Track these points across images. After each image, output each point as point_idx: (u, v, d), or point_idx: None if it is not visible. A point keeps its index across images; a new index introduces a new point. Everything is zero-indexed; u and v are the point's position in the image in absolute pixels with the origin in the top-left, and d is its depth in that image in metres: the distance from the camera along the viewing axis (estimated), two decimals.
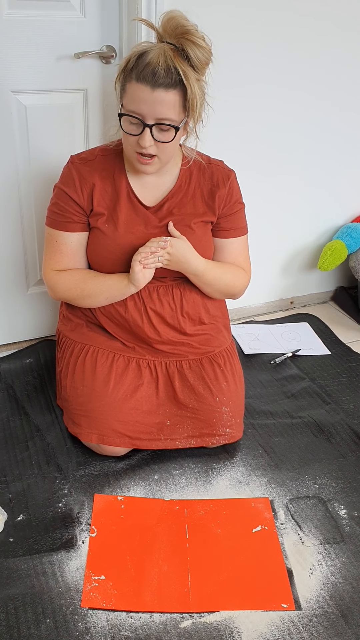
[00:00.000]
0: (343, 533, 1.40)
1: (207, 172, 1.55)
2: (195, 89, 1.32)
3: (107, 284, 1.53)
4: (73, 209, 1.51)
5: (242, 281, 1.66)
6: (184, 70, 1.30)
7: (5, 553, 1.30)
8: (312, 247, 2.34)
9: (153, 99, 1.30)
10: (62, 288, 1.57)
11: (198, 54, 1.31)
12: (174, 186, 1.53)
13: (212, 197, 1.54)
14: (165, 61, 1.28)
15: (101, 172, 1.50)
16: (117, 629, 1.17)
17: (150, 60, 1.28)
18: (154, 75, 1.28)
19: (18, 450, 1.58)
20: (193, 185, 1.54)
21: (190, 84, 1.31)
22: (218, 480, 1.53)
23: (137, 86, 1.31)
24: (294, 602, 1.24)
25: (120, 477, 1.52)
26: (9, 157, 1.74)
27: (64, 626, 1.17)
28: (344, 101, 2.06)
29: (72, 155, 1.53)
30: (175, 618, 1.20)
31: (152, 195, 1.53)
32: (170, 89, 1.31)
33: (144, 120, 1.34)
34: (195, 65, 1.32)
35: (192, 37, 1.30)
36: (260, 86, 1.88)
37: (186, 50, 1.30)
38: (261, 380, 1.94)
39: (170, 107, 1.33)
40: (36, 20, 1.60)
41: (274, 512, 1.45)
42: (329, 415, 1.78)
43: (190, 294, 1.60)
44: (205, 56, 1.33)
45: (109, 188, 1.50)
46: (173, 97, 1.32)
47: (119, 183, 1.51)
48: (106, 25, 1.69)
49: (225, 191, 1.55)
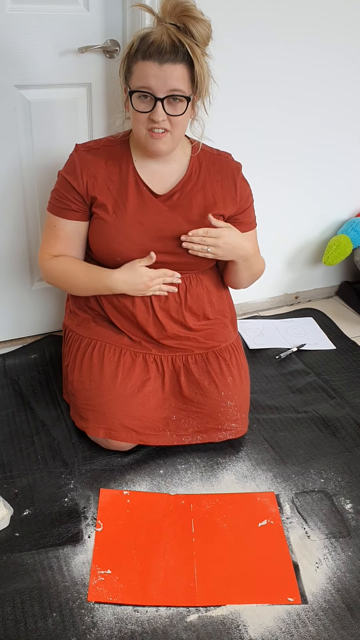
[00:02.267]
0: (349, 527, 1.40)
1: (217, 164, 1.56)
2: (202, 62, 1.35)
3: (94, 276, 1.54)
4: (73, 197, 1.50)
5: (263, 264, 1.70)
6: (189, 43, 1.31)
7: (12, 548, 1.31)
8: (316, 242, 2.34)
9: (162, 73, 1.32)
10: (53, 275, 1.59)
11: (200, 29, 1.32)
12: (184, 176, 1.53)
13: (225, 190, 1.55)
14: (169, 37, 1.30)
15: (107, 161, 1.50)
16: (123, 622, 1.17)
17: (154, 39, 1.30)
18: (160, 52, 1.30)
19: (24, 445, 1.58)
20: (203, 175, 1.54)
21: (197, 57, 1.33)
22: (224, 475, 1.53)
23: (144, 64, 1.32)
24: (300, 596, 1.24)
25: (126, 472, 1.52)
26: (13, 152, 1.74)
27: (71, 620, 1.17)
28: (348, 95, 2.05)
29: (77, 144, 1.54)
30: (182, 612, 1.20)
31: (161, 184, 1.52)
32: (177, 63, 1.32)
33: (155, 94, 1.34)
34: (198, 40, 1.34)
35: (192, 13, 1.31)
36: (263, 79, 1.87)
37: (188, 27, 1.32)
38: (266, 375, 1.94)
39: (179, 79, 1.34)
40: (39, 15, 1.59)
41: (279, 506, 1.45)
42: (335, 410, 1.77)
43: (196, 289, 1.60)
44: (206, 30, 1.34)
45: (115, 177, 1.50)
46: (181, 69, 1.34)
47: (125, 171, 1.50)
48: (110, 19, 1.68)
49: (239, 185, 1.56)
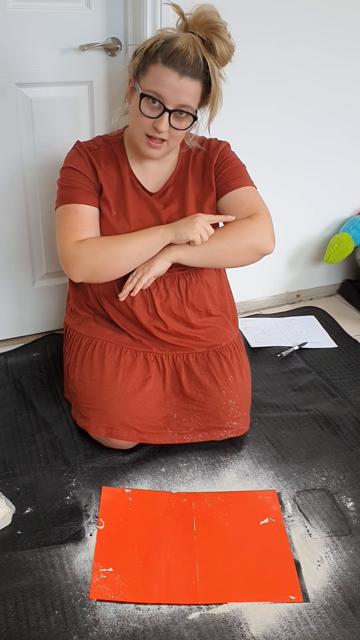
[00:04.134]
0: (350, 525, 1.40)
1: (201, 151, 1.56)
2: (219, 83, 1.35)
3: (138, 236, 1.45)
4: (86, 181, 1.48)
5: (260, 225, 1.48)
6: (212, 63, 1.32)
7: (14, 546, 1.31)
8: (318, 240, 2.33)
9: (179, 85, 1.31)
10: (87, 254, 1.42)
11: (223, 49, 1.32)
12: (175, 170, 1.54)
13: (206, 168, 1.55)
14: (195, 51, 1.29)
15: (105, 159, 1.51)
16: (125, 620, 1.18)
17: (180, 47, 1.29)
18: (183, 63, 1.29)
19: (25, 443, 1.59)
20: (191, 165, 1.55)
21: (216, 77, 1.33)
22: (225, 473, 1.53)
23: (163, 70, 1.31)
24: (302, 594, 1.24)
25: (128, 470, 1.52)
26: (15, 150, 1.74)
27: (73, 618, 1.17)
28: (348, 93, 2.04)
29: (77, 141, 1.54)
30: (183, 610, 1.21)
31: (154, 181, 1.54)
32: (195, 79, 1.32)
33: (165, 104, 1.34)
34: (219, 59, 1.34)
35: (221, 33, 1.31)
36: (264, 76, 1.87)
37: (213, 44, 1.31)
38: (268, 374, 1.94)
39: (192, 96, 1.34)
40: (41, 13, 1.59)
41: (281, 504, 1.45)
42: (336, 408, 1.77)
43: (196, 285, 1.60)
44: (228, 53, 1.35)
45: (115, 175, 1.51)
46: (196, 87, 1.34)
47: (123, 170, 1.51)
48: (111, 17, 1.68)
49: (217, 156, 1.54)
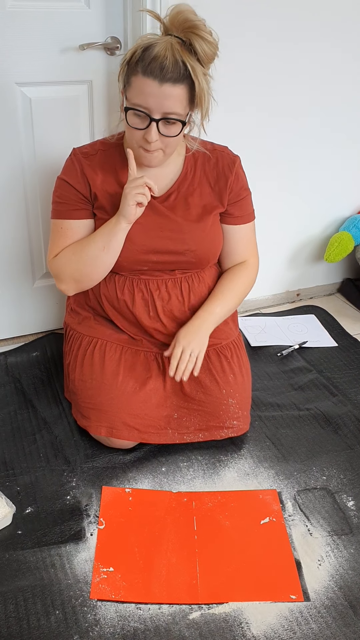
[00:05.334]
0: (351, 524, 1.40)
1: (212, 159, 1.53)
2: (203, 84, 1.31)
3: (98, 232, 1.49)
4: (76, 196, 1.50)
5: (249, 279, 1.66)
6: (192, 64, 1.28)
7: (14, 545, 1.31)
8: (318, 239, 2.33)
9: (161, 93, 1.29)
10: (63, 264, 1.51)
11: (205, 48, 1.29)
12: (180, 176, 1.52)
13: (219, 184, 1.53)
14: (173, 55, 1.26)
15: (103, 167, 1.49)
16: (126, 620, 1.18)
17: (157, 54, 1.26)
18: (162, 70, 1.26)
19: (26, 443, 1.59)
20: (199, 173, 1.53)
21: (199, 78, 1.30)
22: (225, 473, 1.53)
23: (143, 80, 1.28)
24: (303, 594, 1.24)
25: (128, 470, 1.52)
26: (14, 149, 1.74)
27: (73, 618, 1.17)
28: (349, 92, 2.04)
29: (74, 148, 1.52)
30: (184, 609, 1.20)
31: (157, 186, 1.50)
32: (177, 84, 1.29)
33: (151, 115, 1.32)
34: (202, 59, 1.30)
35: (200, 31, 1.28)
36: (263, 74, 1.87)
37: (193, 44, 1.28)
38: (268, 373, 1.94)
39: (177, 102, 1.31)
40: (40, 12, 1.59)
41: (281, 503, 1.45)
42: (336, 407, 1.77)
43: (199, 287, 1.59)
44: (212, 50, 1.31)
45: (113, 184, 1.49)
46: (180, 91, 1.30)
47: (122, 177, 1.49)
48: (111, 16, 1.68)
49: (232, 178, 1.53)
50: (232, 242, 1.63)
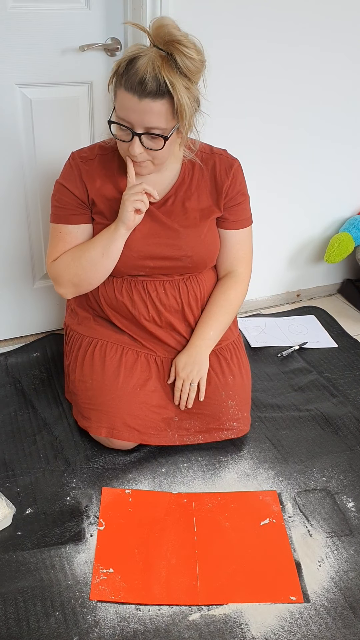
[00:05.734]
0: (351, 526, 1.40)
1: (210, 163, 1.52)
2: (183, 99, 1.28)
3: (97, 237, 1.49)
4: (74, 201, 1.50)
5: (239, 294, 1.64)
6: (171, 80, 1.25)
7: (14, 546, 1.31)
8: (318, 240, 2.33)
9: (141, 108, 1.28)
10: (62, 269, 1.52)
11: (187, 62, 1.26)
12: (177, 180, 1.51)
13: (216, 188, 1.52)
14: (153, 70, 1.24)
15: (101, 172, 1.48)
16: (125, 621, 1.18)
17: (138, 68, 1.25)
18: (141, 85, 1.25)
19: (26, 444, 1.59)
20: (197, 177, 1.52)
21: (178, 93, 1.26)
22: (225, 474, 1.53)
23: (125, 95, 1.28)
24: (303, 595, 1.24)
25: (128, 471, 1.52)
26: (14, 150, 1.74)
27: (73, 619, 1.17)
28: (349, 92, 2.04)
29: (72, 152, 1.52)
30: (184, 611, 1.20)
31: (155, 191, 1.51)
32: (157, 99, 1.27)
33: (133, 129, 1.32)
34: (185, 73, 1.27)
35: (181, 47, 1.25)
36: (263, 77, 1.87)
37: (175, 58, 1.26)
38: (268, 374, 1.94)
39: (158, 117, 1.30)
40: (40, 13, 1.59)
41: (281, 505, 1.45)
42: (337, 408, 1.77)
43: (197, 289, 1.59)
44: (194, 65, 1.28)
45: (111, 188, 1.48)
46: (161, 106, 1.28)
47: (120, 182, 1.48)
48: (111, 17, 1.68)
49: (228, 183, 1.52)
50: (225, 247, 1.62)
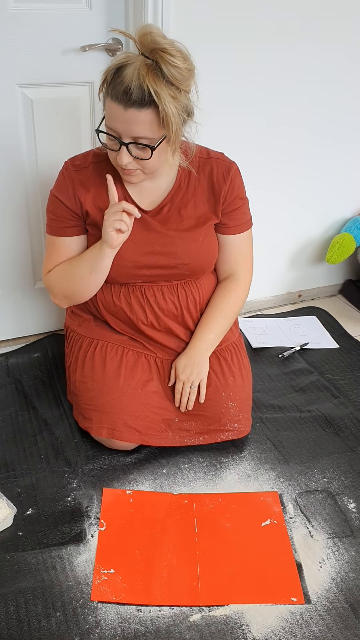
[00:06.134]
0: (352, 527, 1.40)
1: (207, 168, 1.49)
2: (169, 108, 1.24)
3: (85, 254, 1.49)
4: (68, 214, 1.48)
5: (240, 297, 1.63)
6: (156, 90, 1.22)
7: (15, 547, 1.31)
8: (320, 240, 2.33)
9: (126, 118, 1.26)
10: (54, 282, 1.53)
11: (172, 71, 1.23)
12: (173, 187, 1.48)
13: (214, 194, 1.50)
14: (138, 79, 1.22)
15: (95, 180, 1.46)
16: (126, 622, 1.17)
17: (124, 77, 1.23)
18: (126, 94, 1.23)
19: (27, 444, 1.58)
20: (193, 183, 1.49)
21: (163, 102, 1.23)
22: (227, 474, 1.53)
23: (111, 104, 1.26)
24: (304, 596, 1.24)
25: (129, 471, 1.52)
26: (15, 151, 1.74)
27: (74, 619, 1.17)
28: (349, 91, 2.04)
29: (66, 161, 1.49)
30: (185, 611, 1.20)
31: (150, 198, 1.48)
32: (143, 108, 1.24)
33: (120, 139, 1.30)
34: (171, 82, 1.24)
35: (166, 55, 1.22)
36: (263, 77, 1.86)
37: (160, 66, 1.23)
38: (269, 374, 1.94)
39: (144, 126, 1.27)
40: (42, 14, 1.59)
41: (282, 506, 1.44)
42: (338, 409, 1.77)
43: (196, 292, 1.58)
44: (181, 74, 1.25)
45: (105, 199, 1.45)
46: (146, 116, 1.26)
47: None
48: (112, 17, 1.68)
49: (226, 189, 1.49)
50: (224, 252, 1.60)
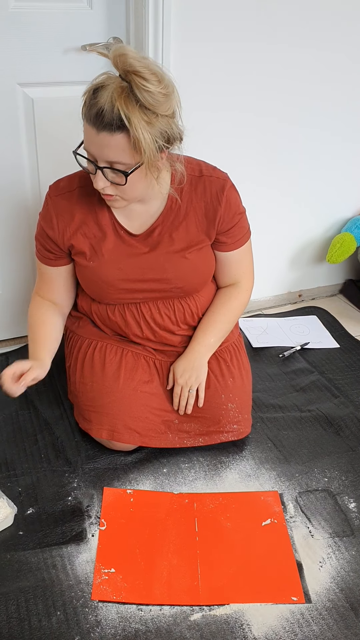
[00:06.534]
0: (353, 526, 1.40)
1: (200, 188, 1.43)
2: (140, 134, 1.18)
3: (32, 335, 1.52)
4: (51, 246, 1.46)
5: (242, 303, 1.61)
6: (127, 114, 1.16)
7: (16, 546, 1.31)
8: (320, 240, 2.33)
9: (99, 141, 1.22)
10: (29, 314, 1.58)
11: (145, 96, 1.17)
12: (164, 209, 1.43)
13: (207, 217, 1.44)
14: (111, 102, 1.17)
15: (82, 206, 1.42)
16: (127, 621, 1.18)
17: (98, 100, 1.18)
18: (98, 117, 1.19)
19: (27, 444, 1.59)
20: (185, 203, 1.43)
21: (134, 128, 1.17)
22: (227, 474, 1.53)
23: (87, 126, 1.23)
24: (304, 595, 1.24)
25: (130, 471, 1.52)
26: (16, 150, 1.74)
27: (75, 619, 1.17)
28: (350, 91, 2.04)
29: (50, 186, 1.45)
30: (185, 611, 1.20)
31: (139, 222, 1.44)
32: (115, 133, 1.19)
33: (96, 162, 1.26)
34: (145, 106, 1.18)
35: (138, 78, 1.16)
36: (262, 76, 1.86)
37: (133, 88, 1.17)
38: (270, 374, 1.94)
39: (117, 151, 1.22)
40: (42, 13, 1.59)
41: (283, 505, 1.44)
42: (338, 409, 1.77)
43: (193, 305, 1.56)
44: (154, 99, 1.18)
45: (91, 222, 1.43)
46: (118, 141, 1.20)
47: (101, 216, 1.43)
48: (113, 16, 1.68)
49: (222, 210, 1.44)
50: (225, 267, 1.57)
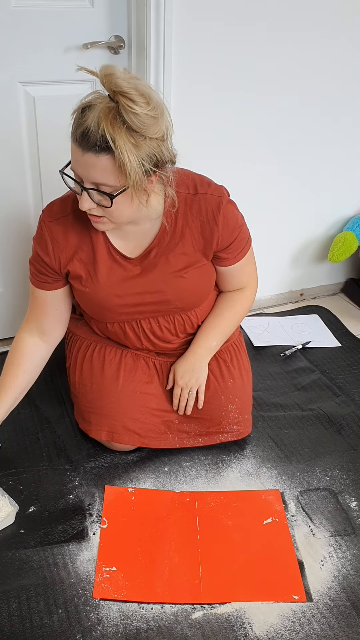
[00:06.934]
0: (354, 525, 1.40)
1: (195, 206, 1.37)
2: (125, 157, 1.14)
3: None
4: (46, 270, 1.42)
5: (245, 307, 1.58)
6: (113, 136, 1.13)
7: (17, 544, 1.31)
8: (322, 239, 2.33)
9: (84, 162, 1.18)
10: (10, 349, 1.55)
11: (133, 118, 1.13)
12: (160, 229, 1.38)
13: (204, 236, 1.40)
14: (97, 123, 1.13)
15: (77, 231, 1.38)
16: (128, 619, 1.18)
17: (85, 119, 1.14)
18: (84, 137, 1.15)
19: (28, 442, 1.59)
20: (180, 223, 1.38)
21: (119, 150, 1.13)
22: (228, 473, 1.53)
23: (73, 146, 1.19)
24: (305, 594, 1.24)
25: (131, 469, 1.52)
26: (17, 148, 1.74)
27: (76, 617, 1.17)
28: (351, 90, 2.04)
29: (44, 210, 1.41)
30: (187, 609, 1.20)
31: (135, 245, 1.41)
32: (100, 154, 1.15)
33: (82, 183, 1.22)
34: (132, 128, 1.14)
35: (124, 100, 1.12)
36: (263, 73, 1.86)
37: (119, 109, 1.13)
38: (271, 373, 1.94)
39: (102, 173, 1.18)
40: (44, 11, 1.59)
41: (284, 504, 1.44)
42: (340, 408, 1.77)
43: (193, 318, 1.53)
44: (141, 121, 1.13)
45: (87, 246, 1.39)
46: (104, 162, 1.16)
47: (96, 241, 1.39)
48: (115, 15, 1.68)
49: (219, 230, 1.39)
50: (227, 278, 1.53)
